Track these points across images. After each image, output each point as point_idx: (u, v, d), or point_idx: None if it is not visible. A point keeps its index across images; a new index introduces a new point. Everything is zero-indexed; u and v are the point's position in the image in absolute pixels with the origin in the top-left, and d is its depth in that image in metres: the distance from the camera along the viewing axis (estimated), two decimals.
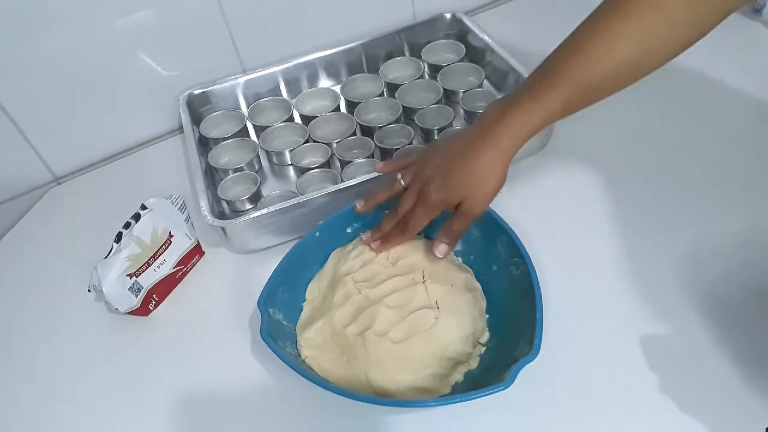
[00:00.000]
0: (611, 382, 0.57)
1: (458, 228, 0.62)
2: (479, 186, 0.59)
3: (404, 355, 0.58)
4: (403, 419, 0.58)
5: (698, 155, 0.77)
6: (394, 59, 0.95)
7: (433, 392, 0.58)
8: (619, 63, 0.53)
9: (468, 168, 0.58)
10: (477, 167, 0.58)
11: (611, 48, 0.53)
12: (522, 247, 0.61)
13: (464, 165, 0.59)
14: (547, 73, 0.57)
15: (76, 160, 0.91)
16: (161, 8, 0.83)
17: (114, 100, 0.88)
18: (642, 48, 0.53)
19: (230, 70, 0.93)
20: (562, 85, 0.55)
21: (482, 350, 0.61)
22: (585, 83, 0.54)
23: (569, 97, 0.55)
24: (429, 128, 0.84)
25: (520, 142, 0.57)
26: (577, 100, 0.56)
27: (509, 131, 0.57)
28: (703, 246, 0.67)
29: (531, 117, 0.56)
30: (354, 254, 0.66)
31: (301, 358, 0.61)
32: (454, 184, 0.59)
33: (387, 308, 0.61)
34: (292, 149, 0.84)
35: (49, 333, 0.72)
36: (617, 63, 0.53)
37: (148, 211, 0.74)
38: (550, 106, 0.55)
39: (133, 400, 0.64)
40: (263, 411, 0.61)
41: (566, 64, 0.55)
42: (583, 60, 0.54)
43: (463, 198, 0.59)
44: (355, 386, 0.58)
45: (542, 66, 0.58)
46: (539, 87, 0.56)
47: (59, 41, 0.80)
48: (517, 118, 0.56)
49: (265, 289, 0.62)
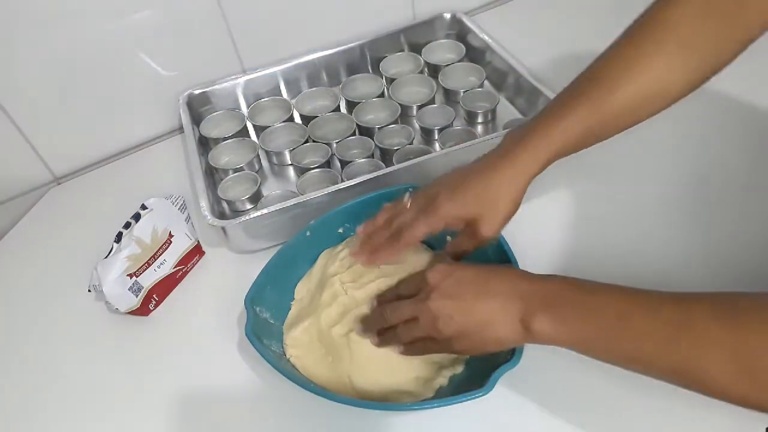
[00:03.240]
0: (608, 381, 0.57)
1: (467, 248, 0.59)
2: (494, 205, 0.55)
3: (388, 357, 0.58)
4: (386, 421, 0.58)
5: (697, 156, 0.77)
6: (394, 55, 0.95)
7: (416, 395, 0.57)
8: (639, 90, 0.53)
9: (483, 184, 0.55)
10: (493, 185, 0.55)
11: (629, 77, 0.53)
12: (510, 253, 0.61)
13: (479, 181, 0.55)
14: (567, 99, 0.55)
15: (76, 160, 0.91)
16: (161, 8, 0.83)
17: (114, 100, 0.88)
18: (660, 77, 0.52)
19: (230, 70, 0.93)
20: (582, 111, 0.53)
21: (467, 355, 0.61)
22: (604, 111, 0.53)
23: (588, 123, 0.54)
24: (429, 128, 0.84)
25: (538, 165, 0.54)
26: (598, 127, 0.54)
27: (528, 154, 0.54)
28: (686, 252, 0.67)
29: (550, 140, 0.54)
30: (342, 254, 0.66)
31: (287, 357, 0.61)
32: (467, 199, 0.55)
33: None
34: (292, 149, 0.84)
35: (50, 333, 0.72)
36: (636, 91, 0.53)
37: (148, 211, 0.74)
38: (570, 130, 0.54)
39: (133, 399, 0.64)
40: (254, 409, 0.61)
41: (586, 90, 0.54)
42: (603, 86, 0.53)
43: (476, 217, 0.55)
44: (338, 387, 0.58)
45: (562, 93, 0.57)
46: (559, 113, 0.55)
47: (59, 41, 0.80)
48: (537, 142, 0.54)
49: (252, 287, 0.63)
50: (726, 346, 0.40)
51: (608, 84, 0.53)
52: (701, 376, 0.41)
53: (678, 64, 0.52)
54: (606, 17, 0.69)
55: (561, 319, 0.48)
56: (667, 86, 0.53)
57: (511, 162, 0.55)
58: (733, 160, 0.76)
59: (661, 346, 0.43)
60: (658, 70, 0.52)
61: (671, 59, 0.52)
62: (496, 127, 0.85)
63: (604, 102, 0.53)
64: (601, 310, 0.46)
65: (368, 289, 0.62)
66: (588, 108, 0.53)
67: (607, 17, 0.64)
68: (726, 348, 0.40)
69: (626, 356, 0.46)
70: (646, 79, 0.53)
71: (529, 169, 0.55)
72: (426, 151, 0.80)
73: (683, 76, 0.53)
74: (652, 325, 0.44)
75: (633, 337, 0.45)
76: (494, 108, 0.85)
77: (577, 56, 0.62)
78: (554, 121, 0.54)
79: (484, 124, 0.86)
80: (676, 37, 0.52)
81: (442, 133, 0.83)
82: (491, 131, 0.84)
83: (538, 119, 0.56)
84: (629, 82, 0.53)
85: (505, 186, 0.55)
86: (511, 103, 0.88)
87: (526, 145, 0.55)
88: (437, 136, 0.84)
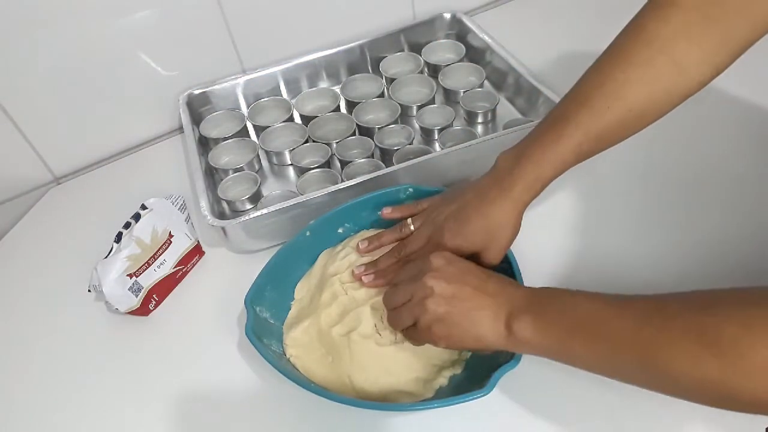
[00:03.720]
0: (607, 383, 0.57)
1: None
2: (496, 238, 0.57)
3: (388, 358, 0.58)
4: (386, 421, 0.58)
5: (694, 157, 0.77)
6: (394, 55, 0.95)
7: (416, 396, 0.57)
8: (629, 110, 0.53)
9: (483, 219, 0.57)
10: (493, 219, 0.57)
11: (618, 96, 0.53)
12: (510, 254, 0.61)
13: (479, 215, 0.57)
14: (556, 122, 0.55)
15: (76, 160, 0.91)
16: (161, 8, 0.83)
17: (114, 100, 0.88)
18: (650, 93, 0.52)
19: (230, 70, 0.93)
20: (572, 135, 0.54)
21: (468, 355, 0.61)
22: (595, 132, 0.54)
23: (580, 147, 0.54)
24: (429, 128, 0.84)
25: (533, 193, 0.56)
26: (588, 149, 0.55)
27: (521, 182, 0.56)
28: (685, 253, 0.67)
29: (542, 168, 0.55)
30: (342, 255, 0.66)
31: (287, 357, 0.62)
32: (470, 233, 0.58)
33: (373, 310, 0.60)
34: (292, 149, 0.84)
35: (49, 333, 0.72)
36: (626, 110, 0.53)
37: (148, 211, 0.74)
38: (561, 156, 0.54)
39: (133, 399, 0.64)
40: (254, 409, 0.61)
41: (575, 113, 0.54)
42: (591, 109, 0.53)
43: (479, 249, 0.58)
44: (338, 387, 0.59)
45: (551, 114, 0.57)
46: (549, 138, 0.55)
47: (59, 41, 0.80)
48: (529, 169, 0.55)
49: (252, 287, 0.63)
50: (691, 328, 0.40)
51: (599, 107, 0.53)
52: (665, 357, 0.41)
53: (669, 82, 0.52)
54: (606, 17, 0.69)
55: (541, 321, 0.49)
56: (659, 102, 0.53)
57: (507, 193, 0.56)
58: (731, 161, 0.76)
59: (630, 338, 0.43)
60: (649, 88, 0.52)
61: (662, 78, 0.52)
62: (496, 127, 0.85)
63: (595, 124, 0.54)
64: (580, 314, 0.47)
65: (368, 289, 0.62)
66: (579, 131, 0.54)
67: (607, 17, 0.64)
68: (691, 329, 0.40)
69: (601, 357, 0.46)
70: (636, 100, 0.53)
71: (524, 197, 0.56)
72: (426, 151, 0.80)
73: (674, 91, 0.53)
74: (623, 318, 0.45)
75: (608, 335, 0.45)
76: (494, 108, 0.85)
77: (577, 56, 0.62)
78: (547, 148, 0.55)
79: (484, 124, 0.86)
80: (666, 55, 0.51)
81: (442, 133, 0.83)
82: (491, 131, 0.84)
83: (530, 144, 0.56)
84: (620, 104, 0.53)
85: (504, 218, 0.57)
86: (511, 103, 0.88)
87: (521, 173, 0.56)
88: (437, 136, 0.84)
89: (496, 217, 0.57)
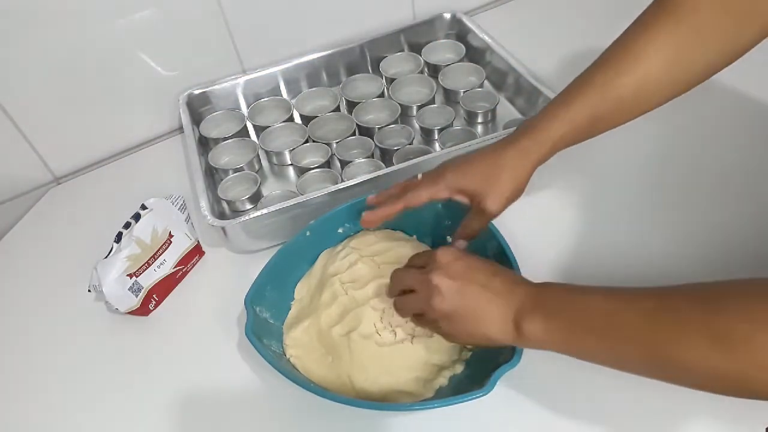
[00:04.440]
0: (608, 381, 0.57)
1: (477, 227, 0.61)
2: (496, 181, 0.57)
3: (388, 358, 0.58)
4: (386, 421, 0.58)
5: (694, 154, 0.77)
6: (394, 55, 0.95)
7: (416, 396, 0.57)
8: (647, 74, 0.52)
9: (487, 163, 0.57)
10: (497, 165, 0.57)
11: (638, 57, 0.52)
12: (511, 254, 0.61)
13: (484, 160, 0.58)
14: (574, 85, 0.56)
15: (76, 160, 0.91)
16: (161, 8, 0.83)
17: (114, 100, 0.88)
18: (671, 60, 0.52)
19: (230, 70, 0.93)
20: (589, 94, 0.54)
21: (468, 355, 0.60)
22: (613, 93, 0.53)
23: (596, 108, 0.54)
24: (429, 128, 0.84)
25: (543, 151, 0.56)
26: (605, 112, 0.54)
27: (532, 138, 0.56)
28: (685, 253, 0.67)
29: (556, 123, 0.55)
30: (342, 255, 0.66)
31: (286, 357, 0.62)
32: (471, 172, 0.58)
33: (373, 310, 0.60)
34: (292, 149, 0.84)
35: (50, 333, 0.72)
36: (645, 74, 0.52)
37: (148, 211, 0.74)
38: (576, 114, 0.54)
39: (133, 400, 0.64)
40: (254, 409, 0.61)
41: (594, 74, 0.54)
42: (611, 69, 0.53)
43: (480, 192, 0.57)
44: (338, 387, 0.59)
45: (573, 81, 0.57)
46: (566, 99, 0.55)
47: (59, 41, 0.80)
48: (542, 127, 0.56)
49: (252, 287, 0.63)
50: (699, 322, 0.40)
51: (616, 68, 0.53)
52: (676, 353, 0.41)
53: (689, 53, 0.52)
54: (606, 17, 0.69)
55: (551, 320, 0.48)
56: (677, 74, 0.53)
57: (515, 145, 0.57)
58: (729, 158, 0.76)
59: (641, 334, 0.43)
60: (669, 56, 0.52)
61: (683, 47, 0.52)
62: (496, 127, 0.85)
63: (611, 86, 0.53)
64: (588, 309, 0.47)
65: (368, 289, 0.62)
66: (594, 93, 0.54)
67: (607, 17, 0.64)
68: (699, 323, 0.40)
69: (612, 352, 0.46)
70: (655, 64, 0.52)
71: (533, 154, 0.56)
72: (426, 151, 0.80)
73: (693, 65, 0.52)
74: (634, 316, 0.44)
75: (618, 330, 0.45)
76: (494, 108, 0.85)
77: (577, 56, 0.62)
78: (560, 108, 0.55)
79: (484, 124, 0.86)
80: (689, 25, 0.51)
81: (442, 133, 0.83)
82: (491, 131, 0.84)
83: (547, 107, 0.57)
84: (638, 67, 0.52)
85: (509, 166, 0.56)
86: (511, 103, 0.88)
87: (532, 131, 0.56)
88: (437, 136, 0.84)
89: (499, 160, 0.57)
